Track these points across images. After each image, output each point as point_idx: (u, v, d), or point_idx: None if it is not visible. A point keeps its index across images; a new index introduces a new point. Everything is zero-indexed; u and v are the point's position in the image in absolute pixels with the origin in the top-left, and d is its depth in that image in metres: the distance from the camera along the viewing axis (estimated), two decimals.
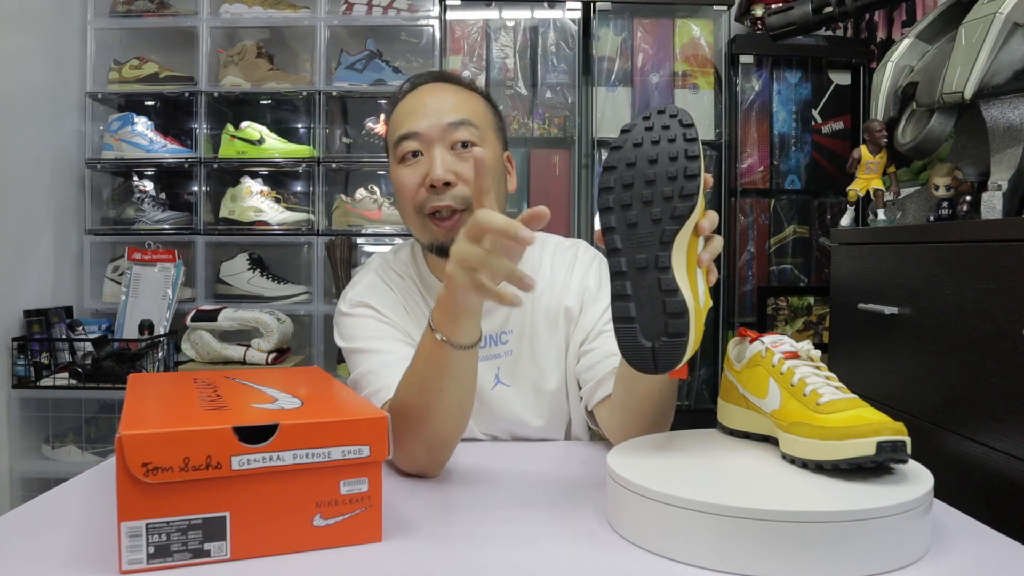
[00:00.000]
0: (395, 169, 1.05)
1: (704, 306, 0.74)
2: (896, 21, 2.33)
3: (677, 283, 0.71)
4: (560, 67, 2.46)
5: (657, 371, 0.73)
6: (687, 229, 0.72)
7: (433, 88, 1.07)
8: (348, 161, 2.55)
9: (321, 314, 2.45)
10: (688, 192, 0.71)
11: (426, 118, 1.02)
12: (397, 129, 1.05)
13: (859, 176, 1.53)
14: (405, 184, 1.03)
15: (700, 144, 0.73)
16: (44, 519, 0.75)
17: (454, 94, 1.06)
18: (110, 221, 2.54)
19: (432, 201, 1.01)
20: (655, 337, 0.71)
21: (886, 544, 0.61)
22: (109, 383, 2.20)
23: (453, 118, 1.02)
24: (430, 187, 1.00)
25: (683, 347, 0.71)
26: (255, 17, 2.51)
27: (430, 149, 1.02)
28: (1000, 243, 1.08)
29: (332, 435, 0.65)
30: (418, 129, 1.02)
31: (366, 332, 1.06)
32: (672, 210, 0.71)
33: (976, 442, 1.12)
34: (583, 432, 1.12)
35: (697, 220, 0.73)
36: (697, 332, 0.72)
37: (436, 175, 0.99)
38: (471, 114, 1.04)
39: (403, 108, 1.06)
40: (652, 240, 0.72)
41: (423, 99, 1.05)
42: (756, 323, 2.47)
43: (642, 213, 0.73)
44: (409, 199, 1.03)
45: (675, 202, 0.71)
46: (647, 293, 0.72)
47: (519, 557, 0.66)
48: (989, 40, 1.18)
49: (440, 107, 1.03)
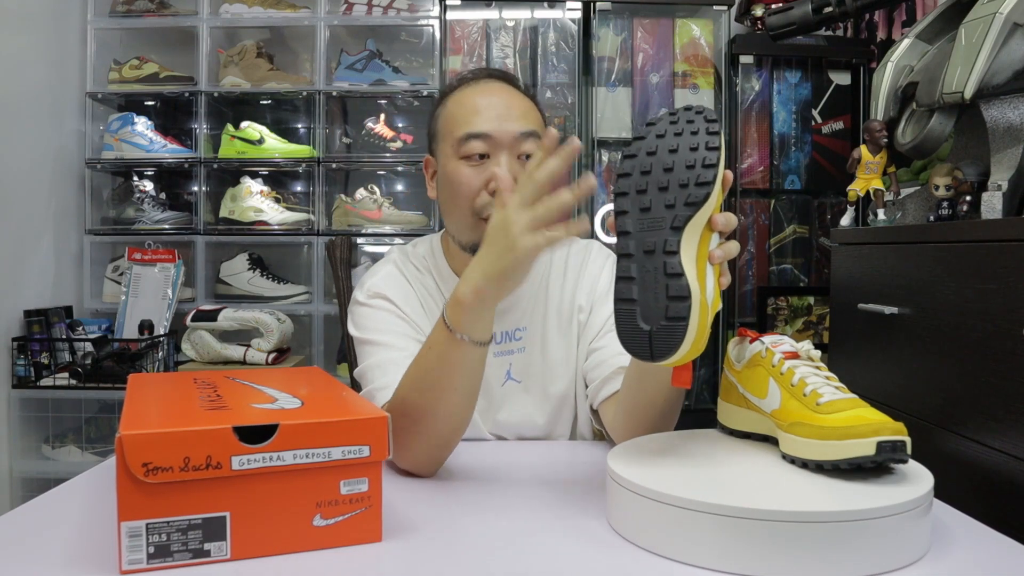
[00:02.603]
0: (455, 164, 1.03)
1: (712, 303, 0.72)
2: (896, 21, 2.33)
3: (683, 268, 0.69)
4: (560, 67, 2.46)
5: (653, 358, 0.70)
6: (700, 218, 0.71)
7: (499, 88, 1.06)
8: (348, 161, 2.55)
9: (321, 314, 2.45)
10: (704, 180, 0.71)
11: (496, 121, 1.01)
12: (464, 125, 1.02)
13: (859, 176, 1.53)
14: (467, 184, 1.02)
15: (723, 139, 0.73)
16: (44, 519, 0.75)
17: (520, 100, 1.05)
18: (110, 221, 2.54)
19: (492, 208, 1.00)
20: (654, 321, 0.70)
21: (886, 544, 0.61)
22: (109, 383, 2.20)
23: (524, 128, 1.02)
24: (493, 192, 1.00)
25: (681, 332, 0.69)
26: (255, 17, 2.51)
27: (497, 154, 1.01)
28: (1000, 243, 1.08)
29: (332, 435, 0.65)
30: (489, 131, 1.01)
31: (380, 324, 1.06)
32: (687, 196, 0.71)
33: (976, 442, 1.12)
34: (587, 431, 1.12)
35: (712, 213, 0.72)
36: (700, 327, 0.70)
37: (505, 182, 0.98)
38: (537, 126, 1.04)
39: (468, 102, 1.04)
40: (663, 224, 0.71)
41: (491, 98, 1.03)
42: (756, 323, 2.47)
43: (656, 198, 0.72)
44: (468, 199, 1.02)
45: (690, 189, 0.71)
46: (651, 276, 0.70)
47: (519, 557, 0.66)
48: (989, 40, 1.18)
49: (510, 112, 1.02)
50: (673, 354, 0.70)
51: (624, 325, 0.72)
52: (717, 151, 0.72)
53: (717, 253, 0.73)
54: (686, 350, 0.70)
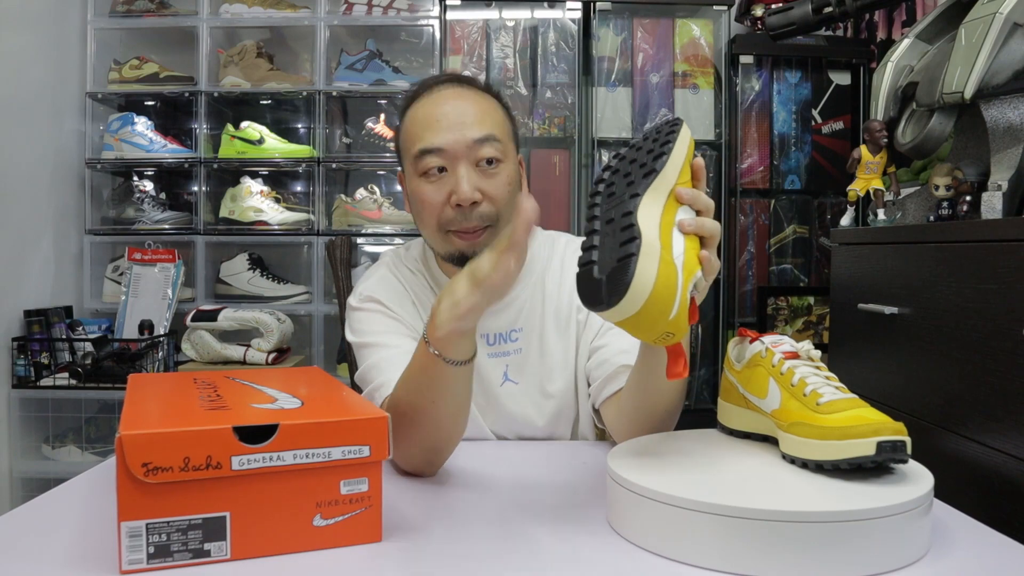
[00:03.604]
0: (416, 182, 1.02)
1: (684, 266, 0.69)
2: (896, 21, 2.33)
3: (637, 220, 0.69)
4: (560, 67, 2.46)
5: (607, 303, 0.66)
6: (660, 186, 0.72)
7: (451, 94, 1.03)
8: (348, 161, 2.55)
9: (321, 314, 2.45)
10: (659, 153, 0.73)
11: (449, 131, 0.99)
12: (417, 141, 1.01)
13: (859, 176, 1.53)
14: (429, 201, 1.01)
15: (684, 127, 0.76)
16: (44, 519, 0.75)
17: (475, 103, 1.02)
18: (110, 221, 2.54)
19: (458, 221, 1.00)
20: (607, 268, 0.68)
21: (886, 544, 0.61)
22: (109, 383, 2.20)
23: (478, 134, 0.99)
24: (456, 206, 0.99)
25: (630, 269, 0.65)
26: (255, 17, 2.51)
27: (455, 166, 0.99)
28: (1000, 243, 1.08)
29: (332, 435, 0.65)
30: (442, 145, 0.99)
31: (373, 327, 1.06)
32: (644, 172, 0.73)
33: (976, 442, 1.12)
34: (589, 431, 1.12)
35: (674, 185, 0.73)
36: (661, 277, 0.66)
37: (464, 196, 0.97)
38: (494, 127, 1.01)
39: (421, 116, 1.02)
40: (624, 198, 0.72)
41: (443, 108, 1.01)
42: (756, 323, 2.47)
43: (620, 184, 0.75)
44: (433, 216, 1.01)
45: (648, 166, 0.73)
46: (610, 237, 0.70)
47: (519, 557, 0.66)
48: (989, 40, 1.18)
49: (463, 119, 1.00)
50: (623, 295, 0.65)
51: (582, 283, 0.70)
52: (674, 131, 0.75)
53: (687, 220, 0.72)
54: (640, 294, 0.66)
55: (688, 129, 0.77)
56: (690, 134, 0.77)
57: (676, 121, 0.77)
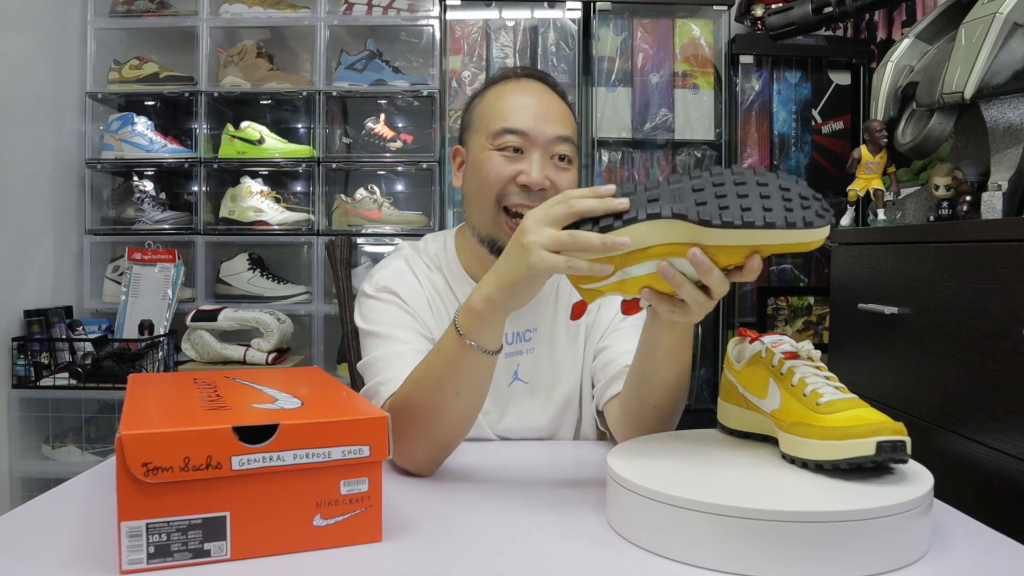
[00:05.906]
0: (487, 154, 1.04)
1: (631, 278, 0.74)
2: (896, 21, 2.33)
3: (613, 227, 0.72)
4: (560, 67, 2.46)
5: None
6: (733, 236, 0.69)
7: (540, 89, 1.08)
8: (348, 161, 2.55)
9: (321, 314, 2.45)
10: (790, 222, 0.68)
11: (534, 120, 1.03)
12: (500, 119, 1.04)
13: (859, 176, 1.53)
14: (496, 172, 1.03)
15: (822, 232, 0.70)
16: (44, 519, 0.75)
17: (560, 106, 1.07)
18: (110, 221, 2.54)
19: (519, 199, 1.02)
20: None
21: (886, 544, 0.61)
22: (109, 383, 2.20)
23: (560, 132, 1.04)
24: (522, 186, 1.02)
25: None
26: (255, 17, 2.51)
27: (531, 151, 1.03)
28: (1000, 243, 1.08)
29: (332, 435, 0.65)
30: (526, 129, 1.02)
31: (386, 318, 1.06)
32: (752, 218, 0.68)
33: (976, 442, 1.12)
34: (591, 433, 1.12)
35: (731, 247, 0.70)
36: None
37: (535, 179, 1.01)
38: (572, 131, 1.07)
39: (508, 98, 1.06)
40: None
41: (531, 98, 1.05)
42: (756, 323, 2.47)
43: (730, 184, 0.72)
44: (494, 187, 1.03)
45: (760, 213, 0.69)
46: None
47: (519, 557, 0.66)
48: (989, 40, 1.18)
49: (549, 114, 1.04)
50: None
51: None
52: (812, 225, 0.68)
53: (667, 268, 0.71)
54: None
55: (809, 234, 0.69)
56: (804, 239, 0.69)
57: (827, 214, 0.69)
